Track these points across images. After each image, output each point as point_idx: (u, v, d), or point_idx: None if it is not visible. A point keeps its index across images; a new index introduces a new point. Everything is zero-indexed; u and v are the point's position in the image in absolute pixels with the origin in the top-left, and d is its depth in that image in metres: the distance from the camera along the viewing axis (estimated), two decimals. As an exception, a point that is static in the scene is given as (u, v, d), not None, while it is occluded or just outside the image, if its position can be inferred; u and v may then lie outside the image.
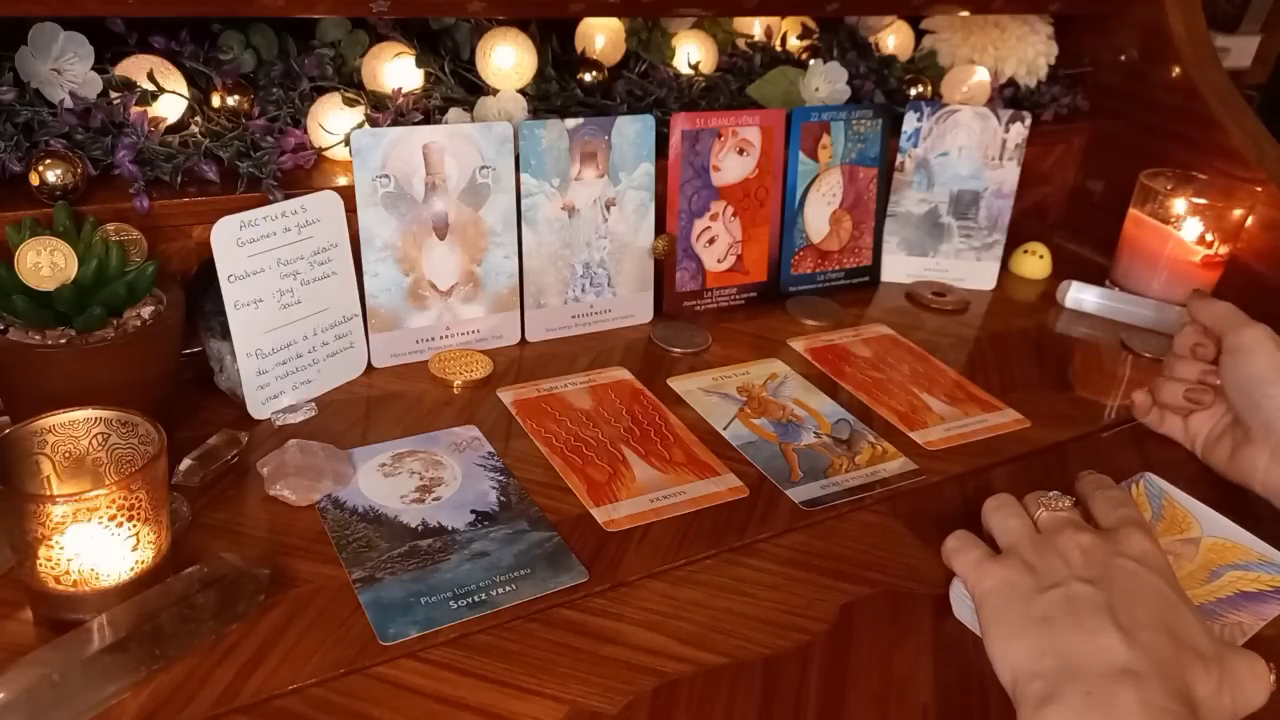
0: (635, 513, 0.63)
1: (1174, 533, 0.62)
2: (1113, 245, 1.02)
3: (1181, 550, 0.61)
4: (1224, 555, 0.60)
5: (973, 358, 0.87)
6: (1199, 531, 0.62)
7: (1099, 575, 0.49)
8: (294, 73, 0.80)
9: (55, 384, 0.58)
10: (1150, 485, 0.65)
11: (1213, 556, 0.60)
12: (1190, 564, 0.60)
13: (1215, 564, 0.60)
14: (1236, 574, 0.59)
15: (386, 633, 0.52)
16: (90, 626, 0.47)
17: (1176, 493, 0.64)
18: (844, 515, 0.65)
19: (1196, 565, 0.60)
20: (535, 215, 0.80)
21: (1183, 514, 0.63)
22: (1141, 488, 0.65)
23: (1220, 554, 0.60)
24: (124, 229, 0.65)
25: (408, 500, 0.62)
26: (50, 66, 0.69)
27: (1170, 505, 0.63)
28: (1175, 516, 0.63)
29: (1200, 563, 0.60)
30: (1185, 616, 0.48)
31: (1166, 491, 0.64)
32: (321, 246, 0.71)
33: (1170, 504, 0.64)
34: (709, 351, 0.84)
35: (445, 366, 0.77)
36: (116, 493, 0.47)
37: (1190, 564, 0.60)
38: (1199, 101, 1.04)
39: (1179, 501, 0.64)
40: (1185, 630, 0.47)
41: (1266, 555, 0.61)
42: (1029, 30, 1.10)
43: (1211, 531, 0.62)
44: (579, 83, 0.89)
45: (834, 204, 0.95)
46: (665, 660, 0.52)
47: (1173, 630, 0.47)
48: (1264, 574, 0.59)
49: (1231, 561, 0.60)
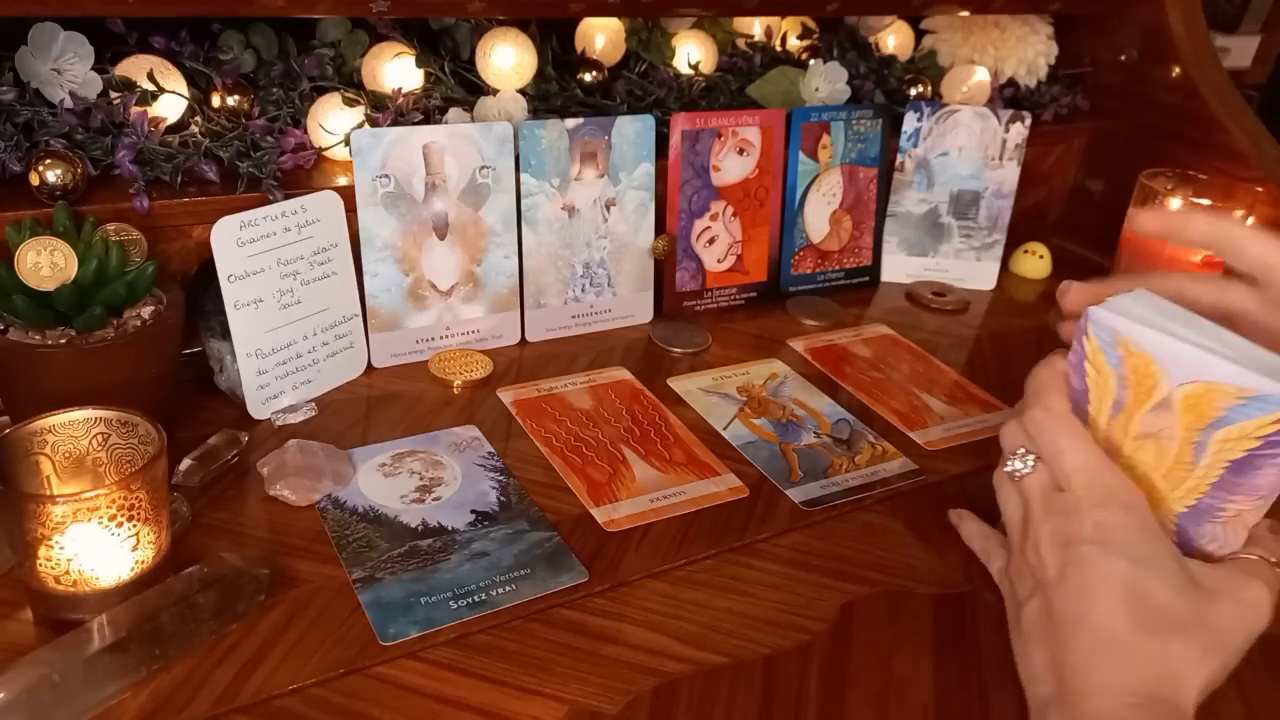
0: (635, 513, 0.63)
1: (1143, 399, 0.50)
2: (1113, 245, 1.02)
3: (1160, 426, 0.50)
4: (1202, 410, 0.48)
5: (973, 358, 0.87)
6: (1168, 386, 0.49)
7: (1058, 575, 0.48)
8: (294, 73, 0.80)
9: (55, 384, 0.58)
10: (1100, 332, 0.51)
11: (1191, 419, 0.48)
12: (1174, 444, 0.49)
13: (1196, 429, 0.48)
14: (1219, 436, 0.48)
15: (386, 633, 0.52)
16: (90, 626, 0.47)
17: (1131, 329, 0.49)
18: (844, 515, 0.65)
19: (1179, 443, 0.49)
20: (535, 215, 0.80)
21: (1144, 362, 0.49)
22: (1094, 338, 0.51)
23: (1198, 410, 0.48)
24: (124, 229, 0.65)
25: (408, 500, 0.62)
26: (50, 66, 0.69)
27: (1129, 353, 0.50)
28: (1139, 369, 0.50)
29: (1182, 438, 0.49)
30: (1153, 588, 0.46)
31: (1120, 333, 0.50)
32: (321, 246, 0.71)
33: (1129, 351, 0.50)
34: (709, 351, 0.84)
35: (445, 366, 0.77)
36: (116, 493, 0.47)
37: (1174, 444, 0.49)
38: (1199, 101, 1.04)
39: (1137, 344, 0.49)
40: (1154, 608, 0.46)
41: (1245, 386, 0.46)
42: (1029, 30, 1.10)
43: (1180, 377, 0.48)
44: (579, 83, 0.89)
45: (834, 204, 0.95)
46: (665, 660, 0.52)
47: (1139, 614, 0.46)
48: (1246, 421, 0.46)
49: (1210, 418, 0.48)
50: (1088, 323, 0.51)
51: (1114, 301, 0.51)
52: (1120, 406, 0.51)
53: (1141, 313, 0.50)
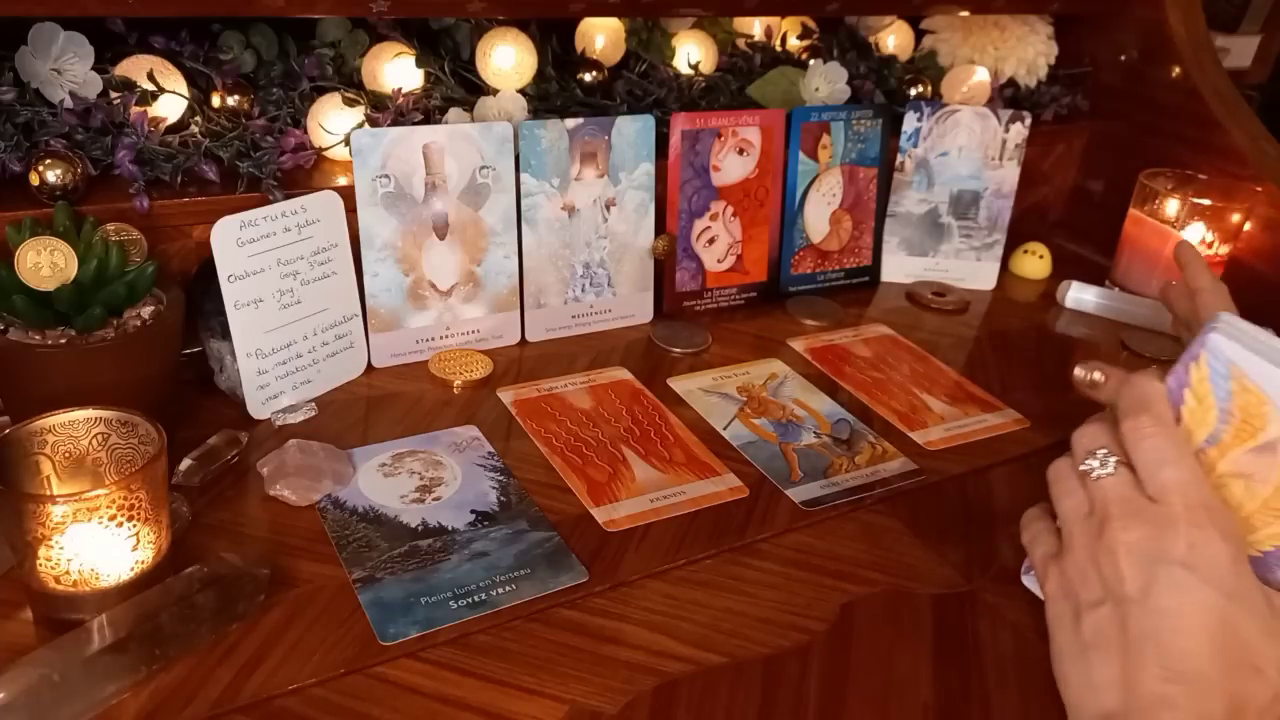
0: (635, 513, 0.63)
1: (1245, 438, 0.47)
2: (1113, 245, 1.02)
3: (1255, 469, 0.47)
4: None
5: (973, 358, 0.87)
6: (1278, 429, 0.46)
7: (1139, 591, 0.46)
8: (294, 73, 0.80)
9: (55, 384, 0.58)
10: (1215, 362, 0.47)
11: None
12: (1264, 489, 0.47)
13: None
14: None
15: (386, 633, 0.52)
16: (90, 626, 0.47)
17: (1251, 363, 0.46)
18: (844, 515, 0.65)
19: (1273, 489, 0.47)
20: (535, 215, 0.80)
21: (1257, 401, 0.46)
22: (1205, 366, 0.47)
23: None
24: (124, 229, 0.65)
25: (408, 500, 0.62)
26: (50, 66, 0.69)
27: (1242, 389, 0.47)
28: (1248, 408, 0.47)
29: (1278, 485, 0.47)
30: (1242, 625, 0.45)
31: (1236, 365, 0.46)
32: (321, 246, 0.71)
33: (1242, 386, 0.47)
34: (709, 351, 0.84)
35: (445, 366, 0.77)
36: (116, 493, 0.47)
37: (1264, 489, 0.47)
38: (1199, 101, 1.04)
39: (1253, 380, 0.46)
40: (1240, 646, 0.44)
41: None
42: (1029, 30, 1.10)
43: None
44: (579, 83, 0.89)
45: (834, 204, 0.95)
46: (665, 660, 0.52)
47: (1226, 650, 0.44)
48: None
49: None
50: (1202, 349, 0.48)
51: (1231, 328, 0.47)
52: (1215, 441, 0.48)
53: (1261, 345, 0.47)
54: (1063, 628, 0.49)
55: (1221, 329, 0.47)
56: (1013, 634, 0.56)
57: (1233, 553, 0.46)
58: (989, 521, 0.66)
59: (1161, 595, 0.45)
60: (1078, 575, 0.49)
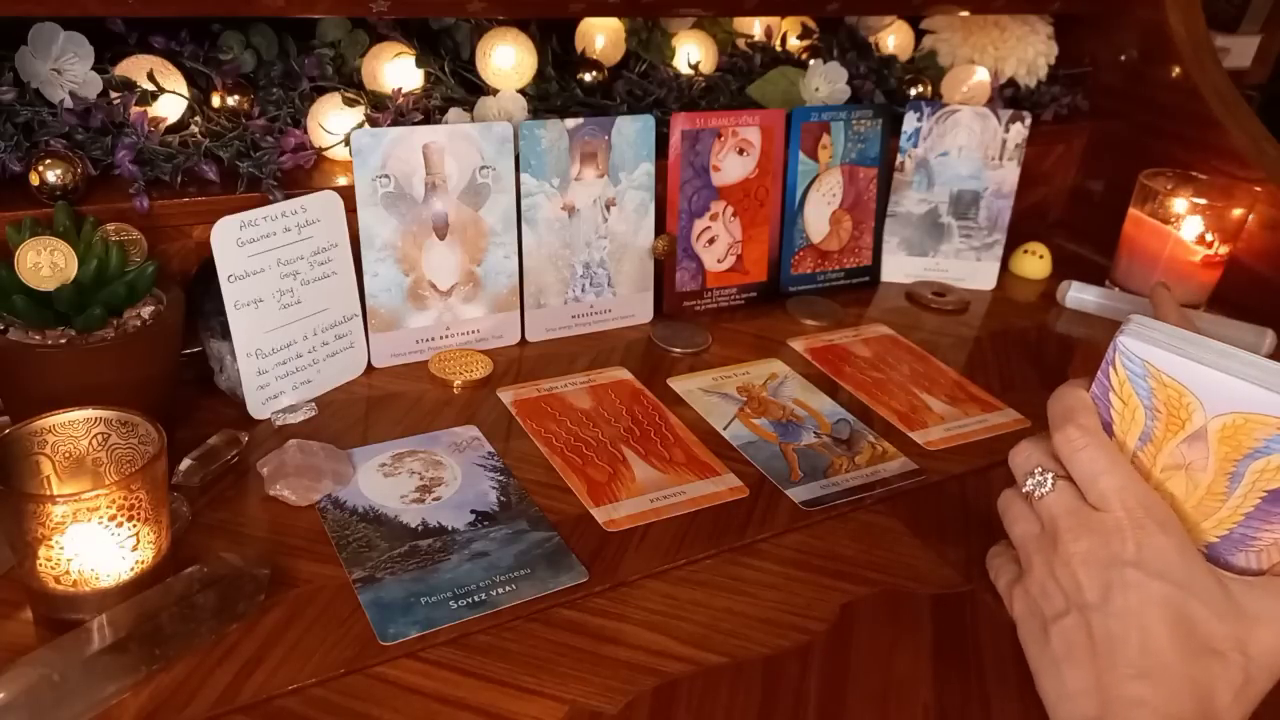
0: (635, 513, 0.63)
1: (1175, 431, 0.49)
2: (1113, 245, 1.02)
3: (1191, 458, 0.49)
4: (1239, 441, 0.47)
5: (973, 358, 0.87)
6: (1203, 416, 0.48)
7: (1099, 597, 0.47)
8: (294, 73, 0.80)
9: (55, 384, 0.58)
10: (1130, 363, 0.50)
11: (1228, 450, 0.48)
12: (1206, 475, 0.49)
13: (1232, 460, 0.48)
14: (1258, 466, 0.47)
15: (386, 633, 0.52)
16: (90, 626, 0.47)
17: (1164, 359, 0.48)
18: (844, 515, 0.65)
19: (1213, 474, 0.48)
20: (535, 215, 0.80)
21: (1177, 394, 0.49)
22: (1121, 370, 0.50)
23: (1235, 441, 0.48)
24: (124, 229, 0.65)
25: (408, 500, 0.62)
26: (50, 66, 0.69)
27: (1161, 385, 0.49)
28: (1170, 402, 0.49)
29: (1216, 470, 0.48)
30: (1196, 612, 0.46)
31: (1150, 363, 0.49)
32: (321, 246, 0.71)
33: (1160, 382, 0.49)
34: (709, 351, 0.84)
35: (445, 366, 0.77)
36: (116, 493, 0.47)
37: (1206, 475, 0.49)
38: (1199, 101, 1.04)
39: (1169, 376, 0.49)
40: (1197, 633, 0.46)
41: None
42: (1029, 30, 1.10)
43: (1216, 408, 0.47)
44: (579, 83, 0.89)
45: (834, 204, 0.95)
46: (665, 660, 0.52)
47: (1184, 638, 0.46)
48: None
49: (1248, 449, 0.47)
50: (1115, 354, 0.50)
51: (1140, 329, 0.49)
52: (1148, 438, 0.50)
53: (1171, 341, 0.49)
54: (1034, 644, 0.50)
55: (1131, 330, 0.50)
56: (1012, 634, 0.56)
57: (1176, 544, 0.47)
58: (989, 521, 0.66)
59: (1119, 597, 0.47)
60: (1040, 592, 0.50)
